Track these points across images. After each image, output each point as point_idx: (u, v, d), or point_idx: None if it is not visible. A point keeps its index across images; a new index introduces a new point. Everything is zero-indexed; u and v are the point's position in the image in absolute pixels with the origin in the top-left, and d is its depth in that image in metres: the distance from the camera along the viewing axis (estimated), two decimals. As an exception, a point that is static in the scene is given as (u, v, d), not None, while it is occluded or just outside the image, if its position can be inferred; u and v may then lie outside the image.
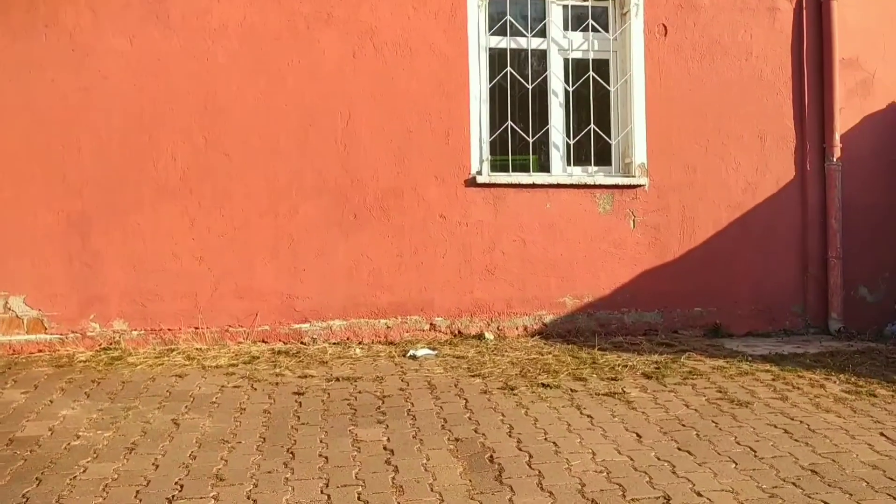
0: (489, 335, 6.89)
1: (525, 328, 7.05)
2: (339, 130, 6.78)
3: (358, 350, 6.45)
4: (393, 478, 3.87)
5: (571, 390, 5.35)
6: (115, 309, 6.44)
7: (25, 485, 3.81)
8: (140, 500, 3.63)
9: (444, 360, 6.12)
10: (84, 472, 3.98)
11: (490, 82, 7.11)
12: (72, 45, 6.40)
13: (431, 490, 3.73)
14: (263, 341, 6.64)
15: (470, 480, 3.84)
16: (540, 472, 3.96)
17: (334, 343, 6.68)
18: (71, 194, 6.39)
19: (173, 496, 3.67)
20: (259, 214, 6.65)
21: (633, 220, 7.22)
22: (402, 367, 5.91)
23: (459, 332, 6.94)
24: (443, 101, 6.93)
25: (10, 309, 6.29)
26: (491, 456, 4.16)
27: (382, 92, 6.84)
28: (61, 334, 6.36)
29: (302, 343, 6.66)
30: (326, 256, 6.76)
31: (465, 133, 6.97)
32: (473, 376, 5.67)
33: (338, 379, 5.59)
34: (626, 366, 6.00)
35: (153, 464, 4.09)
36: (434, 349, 6.38)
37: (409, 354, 6.24)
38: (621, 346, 6.70)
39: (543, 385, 5.43)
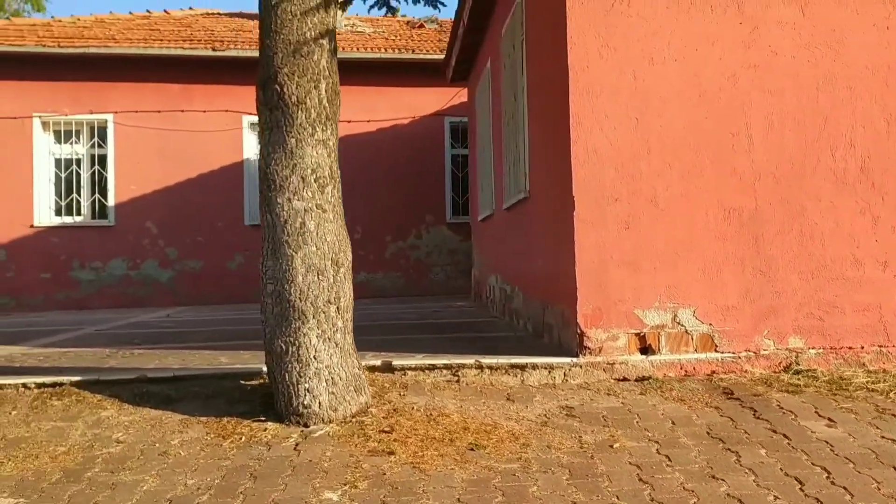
0: None
1: None
2: None
3: None
4: None
5: None
6: (790, 323, 5.49)
7: None
8: None
9: None
10: None
11: None
12: (740, 17, 5.51)
13: None
14: (955, 362, 5.51)
15: None
16: None
17: None
18: (741, 189, 5.50)
19: None
20: (949, 210, 5.55)
21: None
22: None
23: None
24: None
25: (679, 323, 5.44)
26: None
27: None
28: (733, 352, 5.46)
29: None
30: None
31: None
32: None
33: None
34: None
35: None
36: None
37: None
38: None
39: None
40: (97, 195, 13.93)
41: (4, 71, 13.45)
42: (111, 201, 13.72)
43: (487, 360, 5.38)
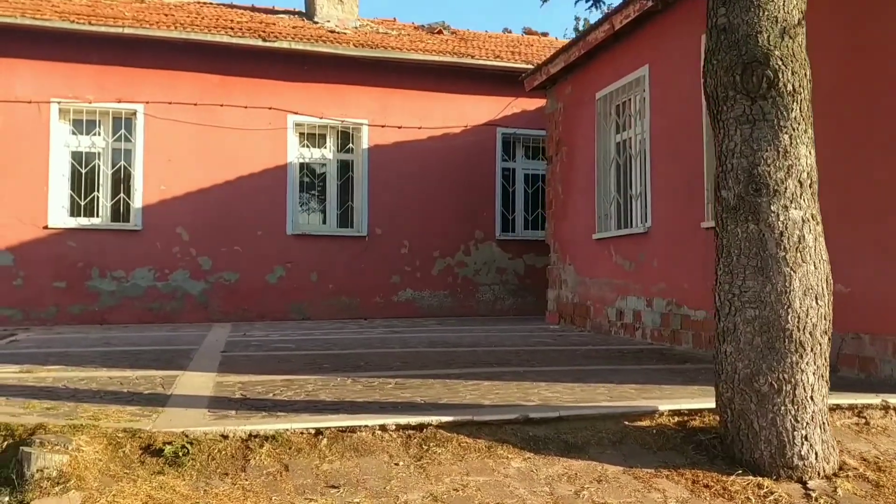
0: None
1: None
2: None
3: None
4: None
5: None
6: None
7: None
8: None
9: None
10: None
11: None
12: None
13: None
14: None
15: None
16: None
17: None
18: None
19: None
20: None
21: None
22: None
23: None
24: None
25: None
26: None
27: None
28: None
29: None
30: None
31: None
32: None
33: None
34: None
35: None
36: None
37: None
38: None
39: None
40: (122, 195, 12.34)
41: (19, 48, 11.72)
42: (137, 202, 12.18)
43: (894, 400, 4.73)
